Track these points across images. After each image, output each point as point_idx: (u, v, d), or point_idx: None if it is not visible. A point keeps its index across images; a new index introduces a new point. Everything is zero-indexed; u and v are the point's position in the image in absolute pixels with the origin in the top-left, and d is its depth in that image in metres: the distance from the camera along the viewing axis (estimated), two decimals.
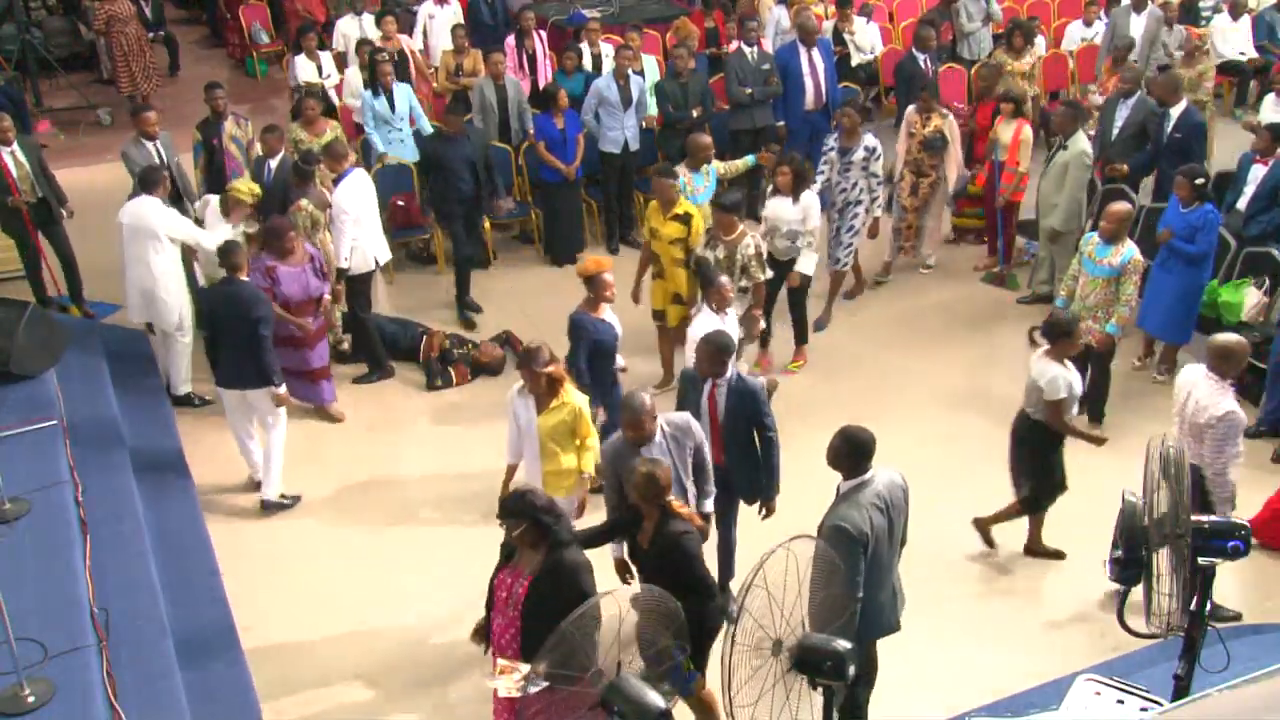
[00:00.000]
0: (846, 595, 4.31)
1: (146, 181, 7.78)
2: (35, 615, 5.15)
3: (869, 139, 8.63)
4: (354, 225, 8.06)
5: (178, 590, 6.06)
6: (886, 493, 4.86)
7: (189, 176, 9.16)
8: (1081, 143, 8.70)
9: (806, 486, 7.02)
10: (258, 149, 9.16)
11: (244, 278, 6.88)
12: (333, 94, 11.02)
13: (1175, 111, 9.16)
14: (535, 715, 4.04)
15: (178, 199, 8.78)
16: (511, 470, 6.10)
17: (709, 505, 5.65)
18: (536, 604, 4.39)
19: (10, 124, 8.68)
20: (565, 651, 3.72)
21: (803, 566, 3.93)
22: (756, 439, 5.90)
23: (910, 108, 9.47)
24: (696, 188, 8.34)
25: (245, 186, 8.06)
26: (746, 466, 5.93)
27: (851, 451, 4.84)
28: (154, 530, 6.40)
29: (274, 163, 8.57)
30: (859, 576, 4.71)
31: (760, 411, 5.84)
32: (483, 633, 4.79)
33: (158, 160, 8.67)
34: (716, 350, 5.76)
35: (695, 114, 9.97)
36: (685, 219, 7.68)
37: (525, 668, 4.18)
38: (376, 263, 8.43)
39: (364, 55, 10.48)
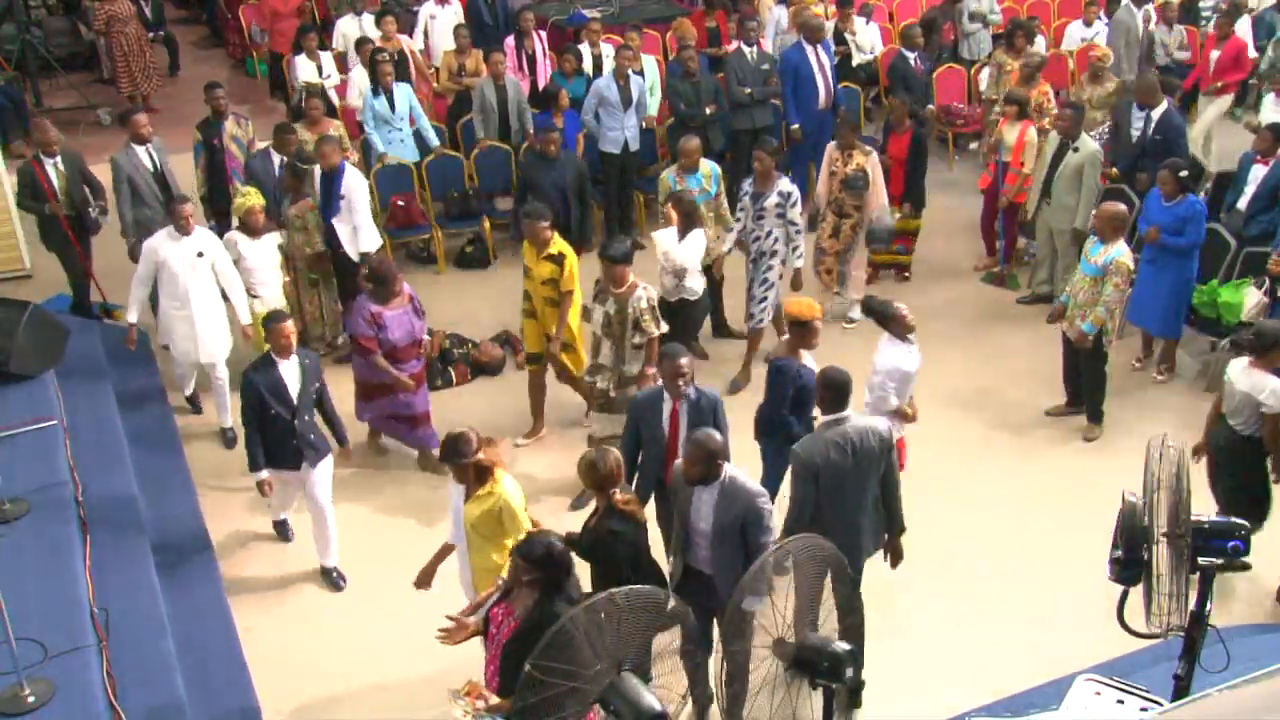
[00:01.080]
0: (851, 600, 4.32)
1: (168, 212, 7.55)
2: (35, 615, 5.16)
3: (784, 183, 7.99)
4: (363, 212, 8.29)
5: (178, 590, 6.07)
6: (856, 436, 5.18)
7: (176, 178, 8.90)
8: (1091, 144, 8.71)
9: None
10: (259, 147, 9.17)
11: (280, 358, 6.20)
12: (333, 94, 11.02)
13: (1156, 114, 9.21)
14: None
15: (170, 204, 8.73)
16: (446, 550, 5.56)
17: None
18: (518, 651, 4.19)
19: (56, 135, 8.55)
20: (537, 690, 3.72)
21: (804, 566, 3.94)
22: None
23: (831, 144, 8.87)
24: (691, 190, 8.33)
25: (244, 197, 7.86)
26: None
27: (825, 390, 5.27)
28: (154, 530, 6.41)
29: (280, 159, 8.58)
30: (806, 504, 5.09)
31: (719, 425, 5.57)
32: None
33: (150, 165, 8.51)
34: (674, 367, 5.61)
35: (709, 111, 9.96)
36: (559, 259, 7.17)
37: (494, 700, 4.20)
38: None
39: (367, 54, 10.48)
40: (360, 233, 8.25)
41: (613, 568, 4.92)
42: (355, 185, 8.23)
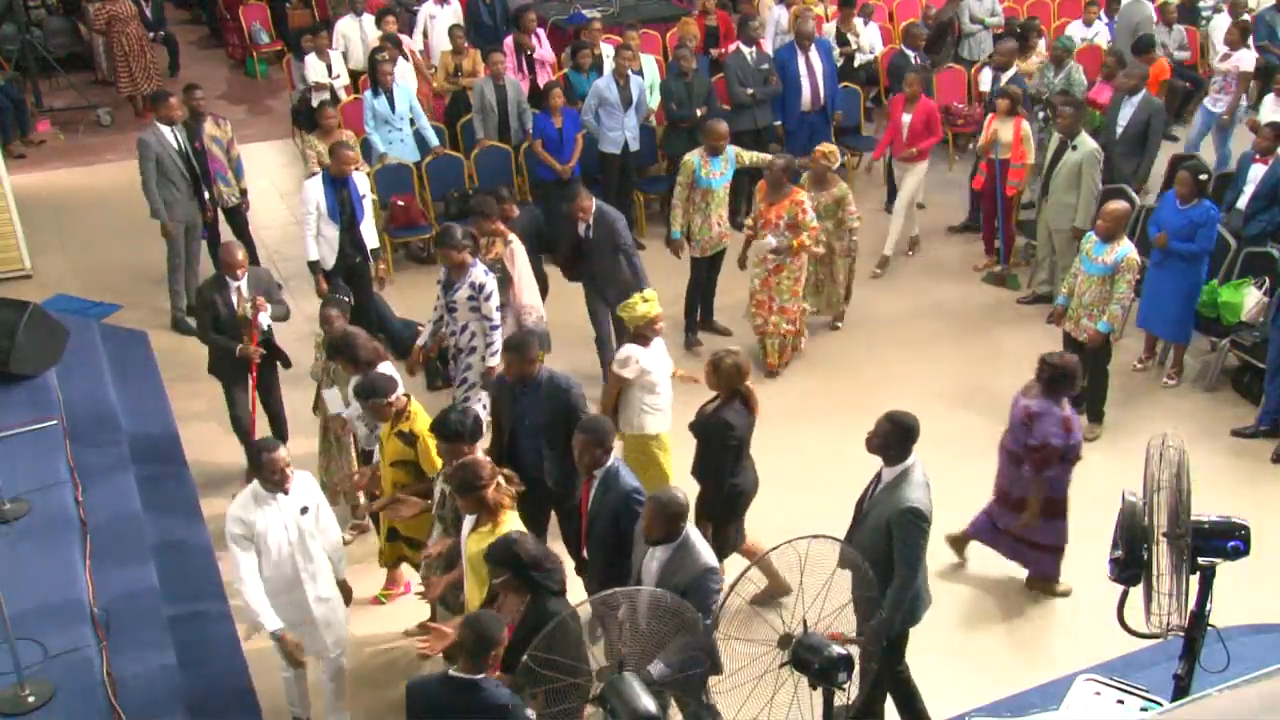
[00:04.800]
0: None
1: (253, 464, 5.30)
2: (35, 615, 5.16)
3: (477, 273, 6.86)
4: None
5: (178, 590, 6.06)
6: (926, 475, 5.01)
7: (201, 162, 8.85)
8: (1090, 142, 8.72)
9: (809, 487, 7.05)
10: (238, 149, 9.16)
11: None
12: (342, 94, 11.01)
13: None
14: None
15: (198, 188, 8.69)
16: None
17: None
18: (519, 655, 4.15)
19: (244, 255, 6.98)
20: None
21: (816, 566, 3.95)
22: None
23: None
24: (712, 172, 8.40)
25: (647, 304, 6.40)
26: (606, 568, 5.21)
27: (901, 436, 4.97)
28: (154, 530, 6.41)
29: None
30: (924, 557, 4.95)
31: (630, 511, 5.09)
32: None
33: (176, 144, 8.54)
34: (595, 440, 5.16)
35: (699, 113, 9.97)
36: (409, 438, 5.69)
37: None
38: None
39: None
40: (367, 233, 8.20)
41: (717, 455, 5.57)
42: (365, 184, 8.25)
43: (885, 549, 4.91)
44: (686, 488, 5.08)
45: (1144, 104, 9.37)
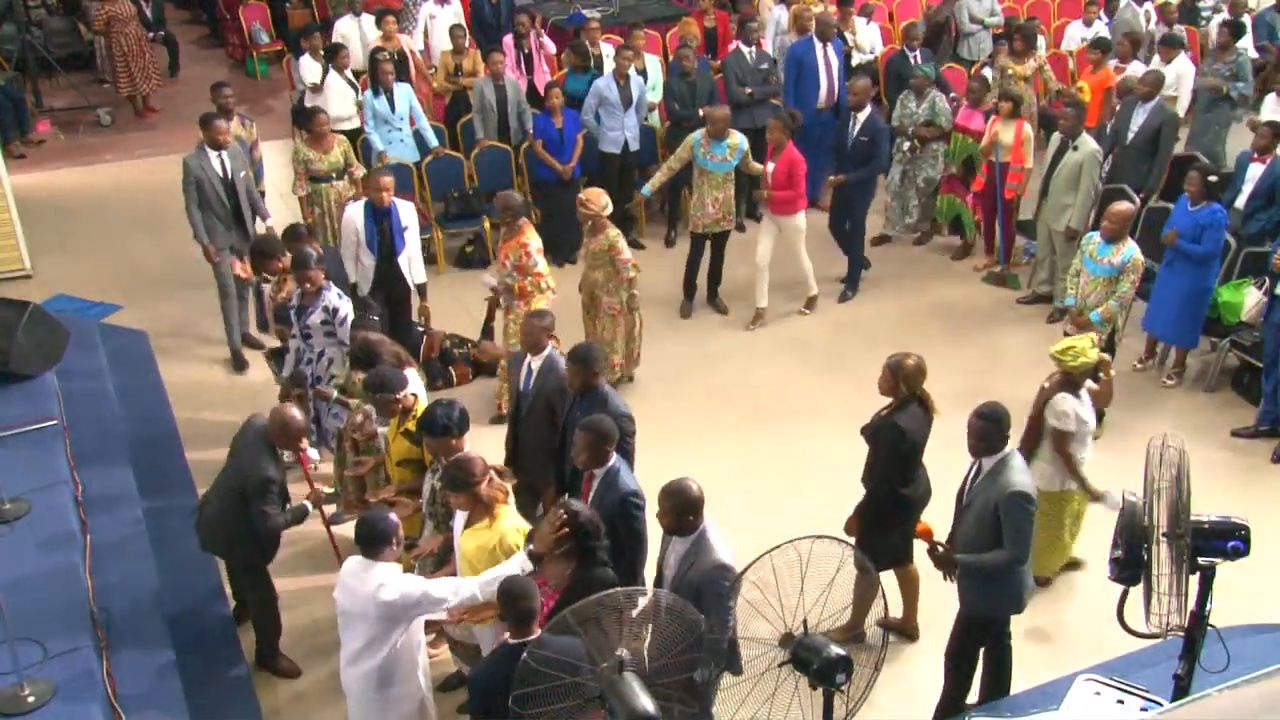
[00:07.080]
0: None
1: (371, 540, 4.76)
2: (35, 615, 5.16)
3: (330, 296, 6.69)
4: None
5: (178, 590, 6.07)
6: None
7: (254, 190, 8.55)
8: (1091, 143, 8.71)
9: (806, 487, 7.06)
10: (261, 150, 9.13)
11: None
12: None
13: (861, 116, 9.11)
14: None
15: (239, 218, 8.28)
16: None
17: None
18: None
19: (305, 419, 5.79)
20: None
21: (817, 565, 3.95)
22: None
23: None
24: (712, 154, 8.65)
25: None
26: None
27: (997, 427, 5.09)
28: (154, 530, 6.41)
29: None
30: (1031, 540, 5.03)
31: (626, 514, 5.08)
32: None
33: (221, 172, 8.12)
34: (598, 438, 5.10)
35: (701, 113, 9.97)
36: (415, 436, 5.63)
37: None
38: None
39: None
40: (414, 263, 7.90)
41: (885, 461, 5.57)
42: (411, 215, 7.83)
43: (991, 535, 5.06)
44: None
45: (1157, 111, 9.23)
